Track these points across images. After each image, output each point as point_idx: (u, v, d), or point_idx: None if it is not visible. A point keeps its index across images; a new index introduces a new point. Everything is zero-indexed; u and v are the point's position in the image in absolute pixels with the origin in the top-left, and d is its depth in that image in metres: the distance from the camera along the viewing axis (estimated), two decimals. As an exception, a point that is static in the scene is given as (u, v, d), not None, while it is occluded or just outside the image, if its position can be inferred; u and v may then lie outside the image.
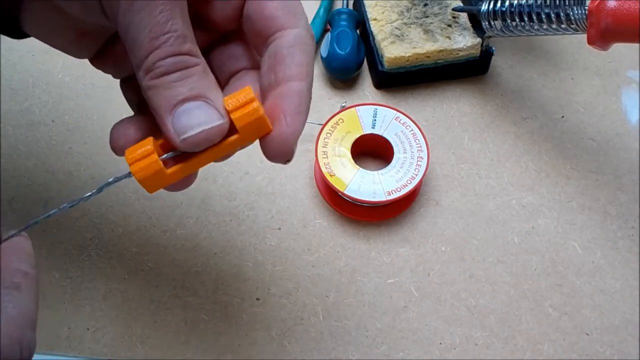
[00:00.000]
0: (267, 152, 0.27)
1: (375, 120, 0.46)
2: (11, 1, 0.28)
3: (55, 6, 0.28)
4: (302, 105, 0.27)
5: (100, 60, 0.31)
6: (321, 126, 0.46)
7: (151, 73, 0.25)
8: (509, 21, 0.45)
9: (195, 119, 0.25)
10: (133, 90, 0.31)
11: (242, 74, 0.30)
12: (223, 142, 0.26)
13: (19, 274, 0.26)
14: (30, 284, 0.26)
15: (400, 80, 0.51)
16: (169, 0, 0.24)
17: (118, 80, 0.32)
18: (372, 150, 0.48)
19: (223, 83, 0.30)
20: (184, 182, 0.28)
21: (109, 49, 0.31)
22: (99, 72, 0.37)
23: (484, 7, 0.46)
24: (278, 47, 0.27)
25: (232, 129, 0.26)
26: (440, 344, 0.42)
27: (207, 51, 0.30)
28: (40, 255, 0.44)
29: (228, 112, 0.26)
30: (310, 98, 0.28)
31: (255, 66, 0.30)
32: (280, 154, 0.27)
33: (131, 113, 0.32)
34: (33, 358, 0.25)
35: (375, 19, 0.51)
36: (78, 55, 0.31)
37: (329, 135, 0.46)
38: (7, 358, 0.23)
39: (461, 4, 0.51)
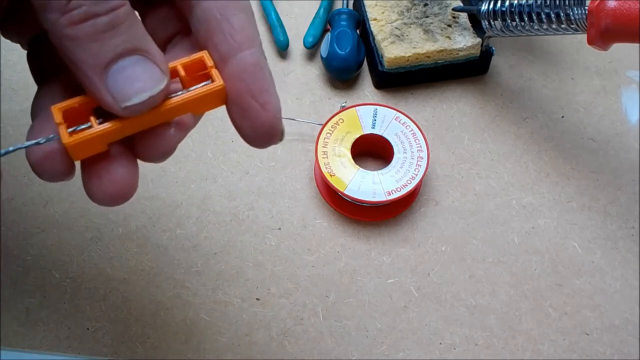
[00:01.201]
0: (257, 143, 0.24)
1: (375, 120, 0.46)
2: None
3: None
4: (267, 77, 0.23)
5: (5, 30, 0.27)
6: (321, 126, 0.46)
7: (69, 15, 0.20)
8: (509, 21, 0.45)
9: (136, 80, 0.21)
10: (37, 63, 0.27)
11: (177, 40, 0.25)
12: (171, 105, 0.22)
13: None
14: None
15: (400, 80, 0.51)
16: None
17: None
18: (372, 150, 0.48)
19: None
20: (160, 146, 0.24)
21: (11, 17, 0.26)
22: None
23: (484, 7, 0.46)
24: (207, 11, 0.22)
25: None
26: (440, 344, 0.42)
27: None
28: (40, 255, 0.44)
29: (182, 79, 0.22)
30: (267, 64, 0.23)
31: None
32: (270, 139, 0.23)
33: None
34: (33, 358, 0.24)
35: (375, 19, 0.51)
36: None
37: (329, 135, 0.46)
38: None
39: (461, 4, 0.51)
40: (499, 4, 0.45)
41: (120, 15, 0.20)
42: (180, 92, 0.23)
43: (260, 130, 0.23)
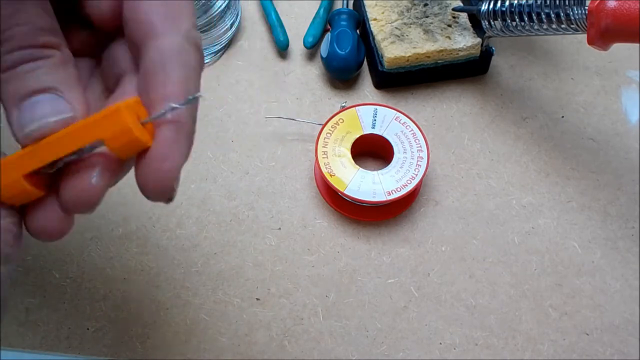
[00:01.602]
0: (143, 189, 0.24)
1: (375, 120, 0.46)
2: None
3: None
4: (180, 133, 0.24)
5: None
6: (321, 126, 0.46)
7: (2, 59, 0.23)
8: (509, 21, 0.45)
9: (40, 111, 0.23)
10: None
11: (126, 79, 0.26)
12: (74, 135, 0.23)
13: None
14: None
15: (400, 80, 0.51)
16: None
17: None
18: (372, 150, 0.48)
19: (112, 86, 0.27)
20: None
21: None
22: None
23: (484, 7, 0.46)
24: (149, 60, 0.24)
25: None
26: (440, 344, 0.42)
27: (99, 51, 0.28)
28: (40, 255, 0.44)
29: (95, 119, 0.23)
30: (195, 121, 0.24)
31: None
32: (156, 192, 0.24)
33: None
34: (33, 358, 0.25)
35: (375, 19, 0.51)
36: None
37: (329, 135, 0.46)
38: None
39: (461, 4, 0.51)
40: (499, 4, 0.45)
41: (39, 64, 0.23)
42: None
43: (152, 177, 0.24)
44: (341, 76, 0.51)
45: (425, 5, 0.51)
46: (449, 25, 0.50)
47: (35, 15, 0.23)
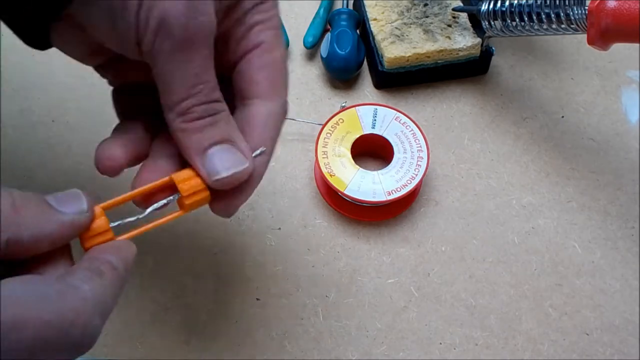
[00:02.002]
0: (216, 213, 0.30)
1: (375, 120, 0.46)
2: (44, 21, 0.29)
3: (87, 33, 0.29)
4: (255, 178, 0.30)
5: (103, 69, 0.33)
6: (321, 126, 0.46)
7: (184, 117, 0.27)
8: (509, 21, 0.45)
9: (225, 161, 0.28)
10: (123, 101, 0.33)
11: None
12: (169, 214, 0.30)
13: (107, 265, 0.26)
14: (113, 277, 0.26)
15: (400, 80, 0.51)
16: (204, 54, 0.27)
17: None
18: (372, 150, 0.48)
19: None
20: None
21: (113, 63, 0.32)
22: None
23: (484, 7, 0.46)
24: (255, 114, 0.29)
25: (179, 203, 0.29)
26: (440, 344, 0.42)
27: None
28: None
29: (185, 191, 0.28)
30: (265, 169, 0.30)
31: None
32: (227, 216, 0.30)
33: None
34: None
35: (375, 19, 0.51)
36: (84, 62, 0.32)
37: (329, 135, 0.46)
38: (64, 334, 0.23)
39: (461, 4, 0.51)
40: (499, 4, 0.45)
41: (217, 113, 0.28)
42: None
43: (221, 215, 0.30)
44: (341, 76, 0.51)
45: (425, 5, 0.51)
46: (449, 25, 0.50)
47: (213, 73, 0.28)
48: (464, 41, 0.49)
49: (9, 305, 0.21)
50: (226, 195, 0.29)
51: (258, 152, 0.29)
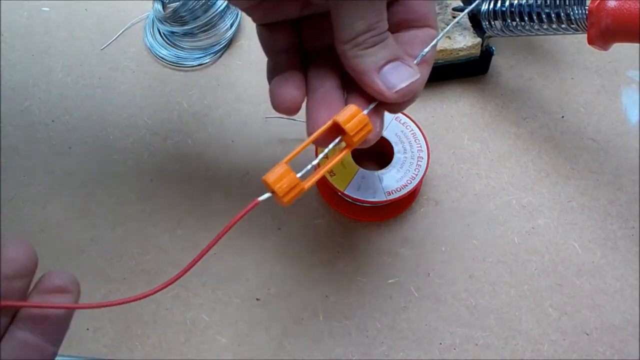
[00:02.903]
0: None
1: (375, 120, 0.46)
2: None
3: None
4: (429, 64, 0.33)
5: (251, 8, 0.34)
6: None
7: (360, 46, 0.30)
8: (509, 21, 0.45)
9: (401, 75, 0.31)
10: (275, 37, 0.35)
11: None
12: (339, 152, 0.31)
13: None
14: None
15: (400, 80, 0.51)
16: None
17: (118, 82, 0.32)
18: (372, 150, 0.48)
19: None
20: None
21: (262, 1, 0.33)
22: (99, 72, 0.37)
23: (484, 7, 0.46)
24: (414, 38, 0.33)
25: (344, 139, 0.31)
26: (440, 344, 0.42)
27: None
28: (40, 255, 0.44)
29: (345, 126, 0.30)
30: (426, 78, 0.33)
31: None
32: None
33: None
34: None
35: (375, 19, 0.51)
36: (235, 4, 0.34)
37: (329, 135, 0.46)
38: None
39: (461, 4, 0.51)
40: (499, 4, 0.45)
41: (386, 39, 0.31)
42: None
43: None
44: (341, 76, 0.51)
45: (425, 5, 0.51)
46: (449, 25, 0.50)
47: (385, 9, 0.31)
48: (464, 41, 0.49)
49: None
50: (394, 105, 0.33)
51: (426, 50, 0.32)
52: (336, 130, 0.31)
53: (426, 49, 0.32)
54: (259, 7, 0.34)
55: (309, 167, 0.30)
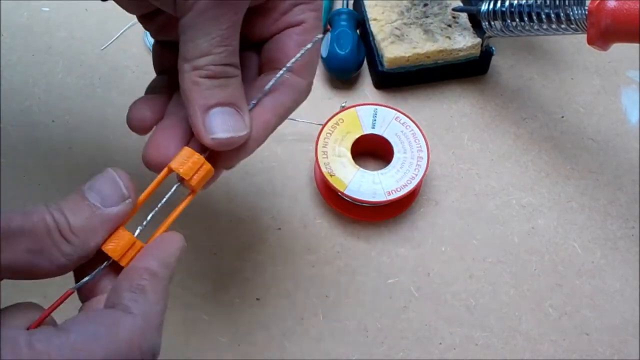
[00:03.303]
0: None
1: (375, 120, 0.46)
2: None
3: None
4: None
5: (145, 20, 0.34)
6: (321, 126, 0.46)
7: (199, 71, 0.28)
8: (509, 21, 0.45)
9: (226, 123, 0.28)
10: (164, 55, 0.34)
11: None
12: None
13: (147, 274, 0.27)
14: (156, 285, 0.27)
15: (400, 80, 0.51)
16: (235, 19, 0.28)
17: (118, 82, 0.32)
18: (372, 150, 0.48)
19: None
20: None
21: (154, 15, 0.33)
22: (99, 72, 0.37)
23: (484, 7, 0.46)
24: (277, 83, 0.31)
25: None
26: (440, 344, 0.42)
27: None
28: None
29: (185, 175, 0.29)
30: (265, 136, 0.31)
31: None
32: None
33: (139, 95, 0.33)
34: None
35: (375, 19, 0.51)
36: (129, 11, 0.33)
37: (329, 135, 0.46)
38: None
39: (461, 4, 0.51)
40: (499, 4, 0.45)
41: (229, 77, 0.29)
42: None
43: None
44: (341, 76, 0.51)
45: (425, 5, 0.51)
46: (449, 25, 0.50)
47: (237, 39, 0.29)
48: (464, 41, 0.49)
49: (64, 349, 0.23)
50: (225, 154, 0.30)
51: (266, 88, 0.30)
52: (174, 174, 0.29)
53: (260, 95, 0.30)
54: (153, 21, 0.33)
55: (145, 223, 0.29)
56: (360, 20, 0.52)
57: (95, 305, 0.27)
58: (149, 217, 0.29)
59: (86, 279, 0.27)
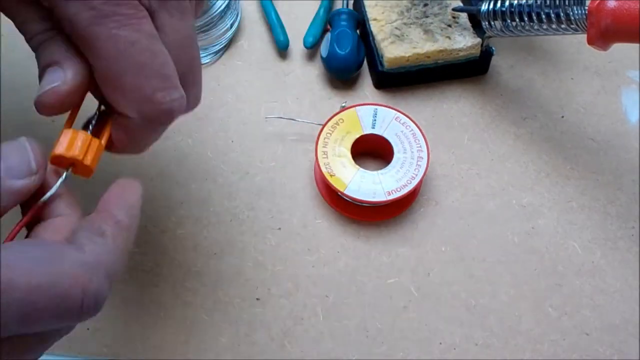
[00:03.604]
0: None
1: (375, 120, 0.46)
2: None
3: None
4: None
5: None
6: (321, 126, 0.46)
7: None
8: (509, 21, 0.45)
9: (44, 80, 0.29)
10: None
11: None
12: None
13: (110, 220, 0.26)
14: (117, 233, 0.26)
15: (400, 80, 0.51)
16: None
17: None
18: (372, 150, 0.48)
19: None
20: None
21: None
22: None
23: (484, 7, 0.46)
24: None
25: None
26: (440, 344, 0.42)
27: None
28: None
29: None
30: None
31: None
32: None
33: None
34: None
35: (375, 19, 0.51)
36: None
37: (329, 135, 0.46)
38: (64, 301, 0.22)
39: (461, 4, 0.51)
40: (499, 4, 0.45)
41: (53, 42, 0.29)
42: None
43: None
44: (341, 76, 0.51)
45: (425, 5, 0.51)
46: (449, 25, 0.50)
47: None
48: (464, 41, 0.49)
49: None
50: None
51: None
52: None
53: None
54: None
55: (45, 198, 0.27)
56: (360, 20, 0.52)
57: (42, 232, 0.26)
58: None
59: (56, 186, 0.27)
